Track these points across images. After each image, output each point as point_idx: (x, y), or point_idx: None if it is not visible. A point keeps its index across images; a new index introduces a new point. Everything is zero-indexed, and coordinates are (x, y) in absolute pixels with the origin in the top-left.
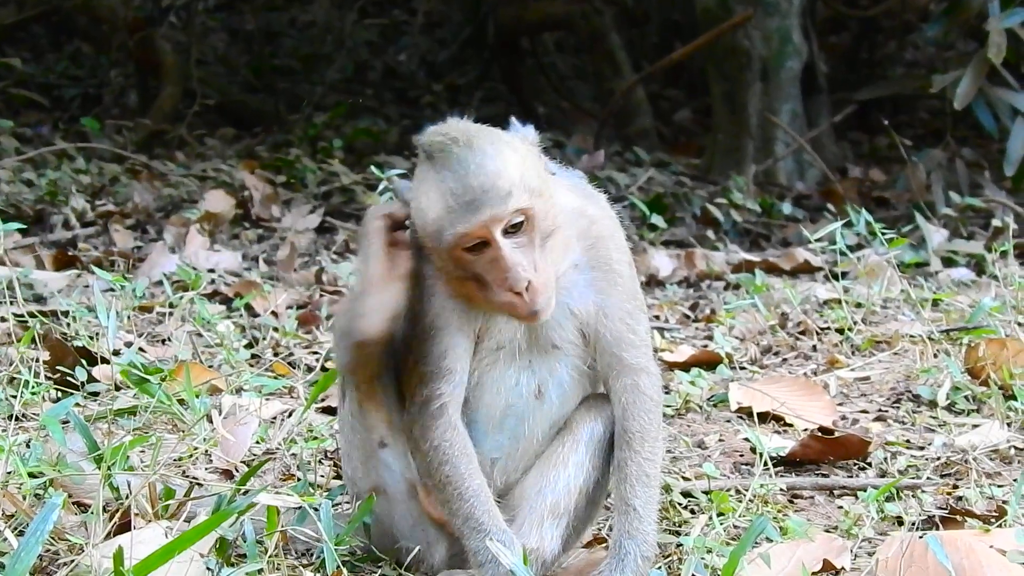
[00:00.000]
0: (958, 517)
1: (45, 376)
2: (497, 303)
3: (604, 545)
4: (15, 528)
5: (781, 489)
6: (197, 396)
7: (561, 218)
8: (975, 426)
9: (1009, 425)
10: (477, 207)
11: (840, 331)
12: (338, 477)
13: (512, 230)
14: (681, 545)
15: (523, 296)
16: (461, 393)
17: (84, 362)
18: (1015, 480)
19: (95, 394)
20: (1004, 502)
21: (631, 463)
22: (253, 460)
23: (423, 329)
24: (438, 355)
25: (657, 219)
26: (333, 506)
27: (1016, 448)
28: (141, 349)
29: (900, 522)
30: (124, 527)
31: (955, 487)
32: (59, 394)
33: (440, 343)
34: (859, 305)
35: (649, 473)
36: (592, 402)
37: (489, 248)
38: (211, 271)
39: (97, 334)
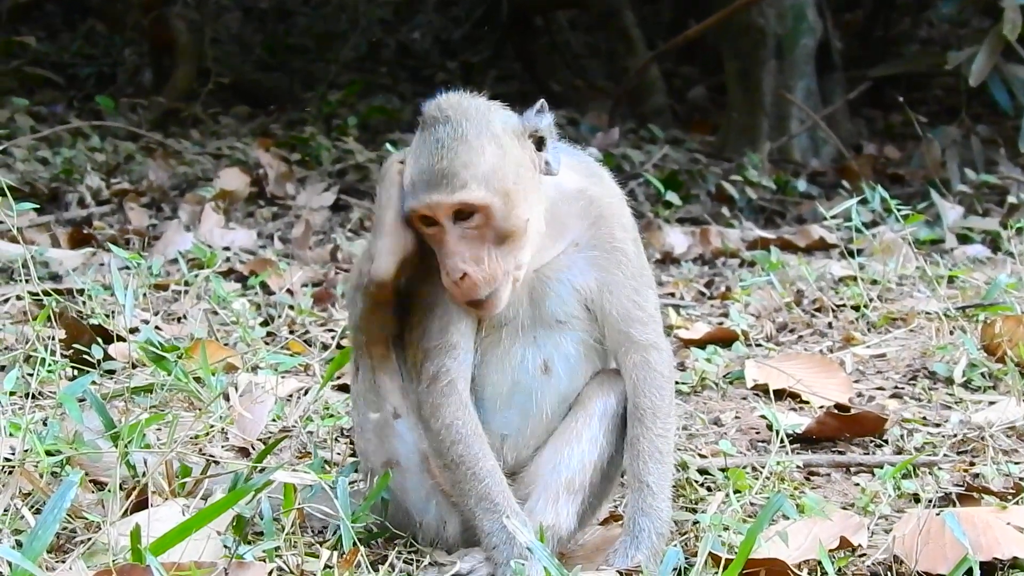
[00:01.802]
0: (975, 494)
1: (61, 354)
2: (444, 283)
3: (620, 522)
4: (32, 506)
5: (797, 466)
6: (213, 374)
7: (532, 225)
8: (991, 403)
9: None
10: (430, 188)
11: (856, 308)
12: (354, 455)
13: (464, 219)
14: (698, 523)
15: (458, 286)
16: (468, 369)
17: (100, 340)
18: None
19: (111, 372)
20: (1021, 479)
21: (643, 440)
22: (269, 438)
23: (424, 304)
24: (440, 329)
25: (672, 196)
26: (349, 483)
27: None
28: (157, 327)
29: (917, 499)
30: (141, 505)
31: (972, 464)
32: (75, 372)
33: (441, 317)
34: (874, 282)
35: (662, 450)
36: (604, 377)
37: (439, 228)
38: (226, 249)
39: (113, 312)
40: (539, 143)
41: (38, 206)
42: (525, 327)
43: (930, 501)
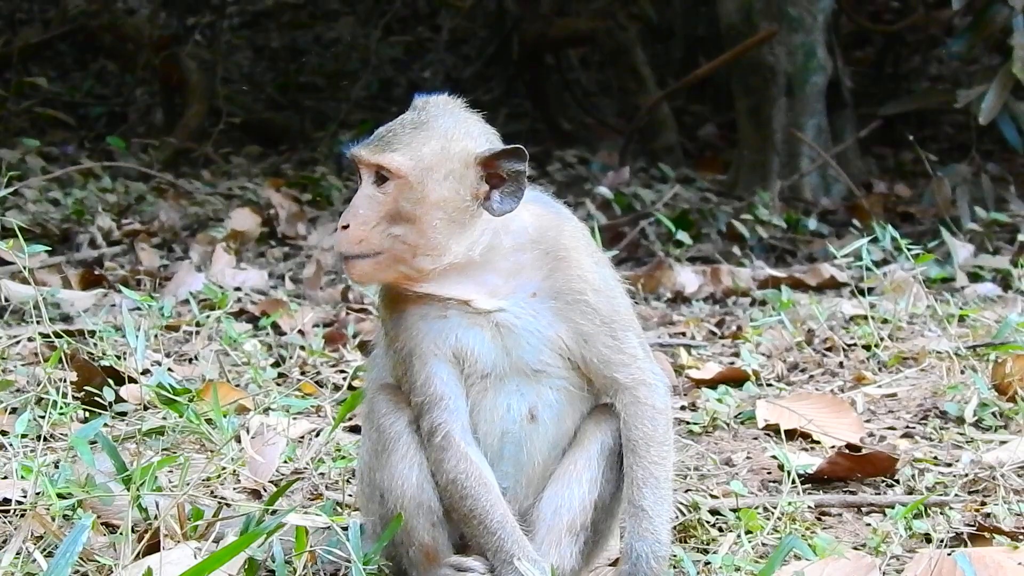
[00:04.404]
0: (986, 534)
1: (72, 396)
2: None
3: None
4: (45, 550)
5: (809, 507)
6: (225, 416)
7: (441, 234)
8: (1003, 442)
9: None
10: (366, 143)
11: (867, 347)
12: None
13: (380, 184)
14: (709, 563)
15: (338, 233)
16: (461, 419)
17: (111, 382)
18: None
19: (123, 414)
20: None
21: (637, 467)
22: (281, 480)
23: (401, 357)
24: (423, 383)
25: (683, 235)
26: (361, 526)
27: None
28: (168, 369)
29: (928, 539)
30: (153, 548)
31: (983, 504)
32: (87, 414)
33: (420, 370)
34: (885, 321)
35: (657, 475)
36: (599, 415)
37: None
38: (237, 289)
39: (124, 354)
40: (500, 180)
41: (49, 247)
42: (506, 376)
43: (942, 541)
